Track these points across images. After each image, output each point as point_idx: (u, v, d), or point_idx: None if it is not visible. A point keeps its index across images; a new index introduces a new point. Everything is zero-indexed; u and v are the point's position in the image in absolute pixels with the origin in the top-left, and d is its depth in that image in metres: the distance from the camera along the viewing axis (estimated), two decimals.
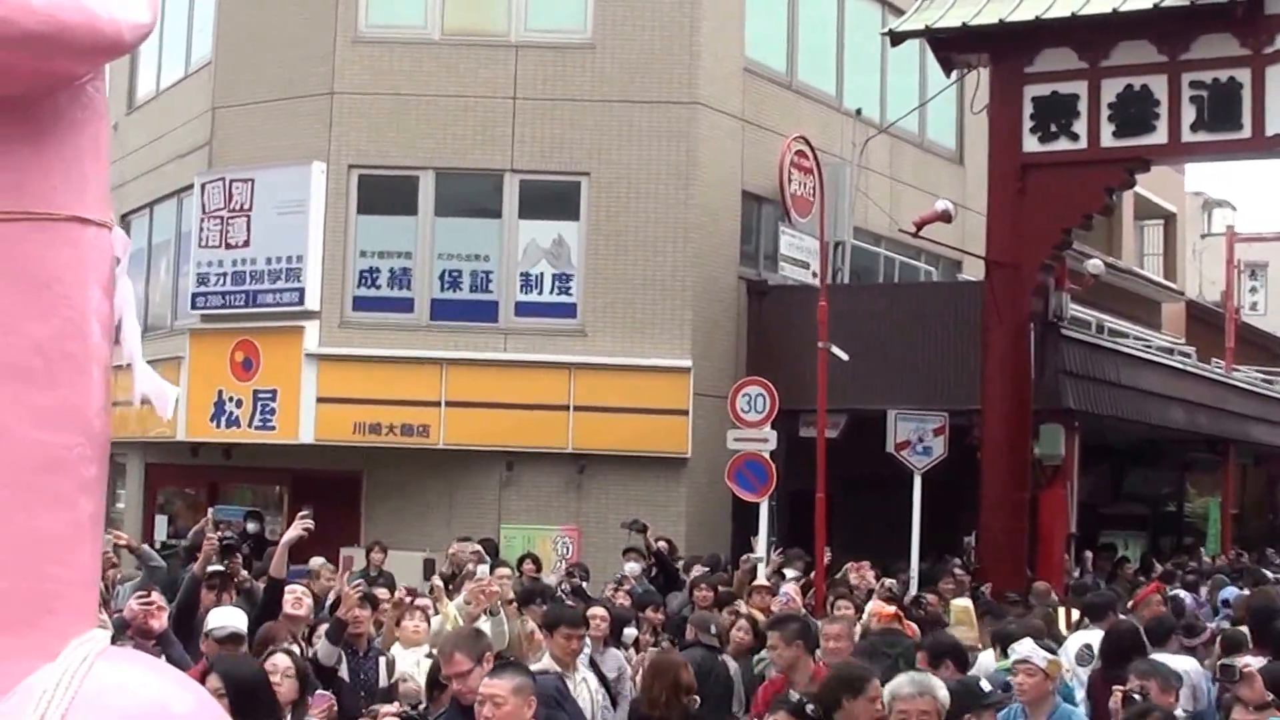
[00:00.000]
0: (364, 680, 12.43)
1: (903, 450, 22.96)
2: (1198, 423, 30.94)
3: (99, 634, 3.65)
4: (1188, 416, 30.24)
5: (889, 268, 30.17)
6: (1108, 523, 35.00)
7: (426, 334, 25.35)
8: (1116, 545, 32.50)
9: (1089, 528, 30.43)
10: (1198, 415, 30.82)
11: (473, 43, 25.81)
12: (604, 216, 25.41)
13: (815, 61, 28.97)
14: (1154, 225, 51.40)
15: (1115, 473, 35.89)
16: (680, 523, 24.82)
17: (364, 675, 12.51)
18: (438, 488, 25.33)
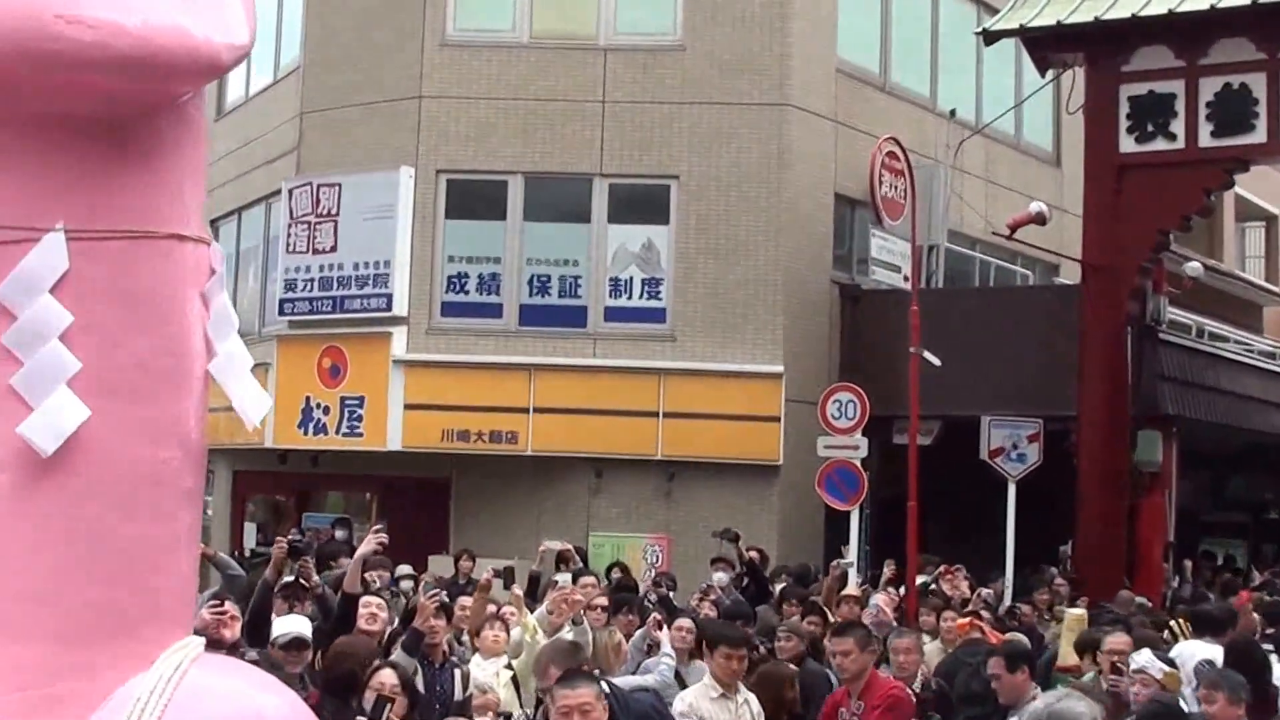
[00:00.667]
0: (440, 693, 12.46)
1: (996, 457, 22.92)
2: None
3: (194, 641, 3.74)
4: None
5: (984, 272, 30.09)
6: (1208, 530, 34.74)
7: (515, 340, 25.51)
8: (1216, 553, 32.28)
9: (1189, 536, 30.23)
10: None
11: (561, 45, 25.96)
12: (694, 220, 25.49)
13: (909, 62, 28.95)
14: (1255, 227, 50.82)
15: (1215, 479, 35.58)
16: (772, 531, 24.84)
17: (440, 687, 12.53)
18: (526, 495, 25.46)
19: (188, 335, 3.78)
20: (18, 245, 3.53)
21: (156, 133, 3.72)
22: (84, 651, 3.55)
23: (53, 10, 3.36)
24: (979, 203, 29.13)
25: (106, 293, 3.59)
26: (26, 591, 3.50)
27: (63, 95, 3.52)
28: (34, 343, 3.50)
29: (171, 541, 3.74)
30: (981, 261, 30.00)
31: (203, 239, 3.85)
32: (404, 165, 25.72)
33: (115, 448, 3.58)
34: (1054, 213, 27.86)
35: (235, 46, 3.66)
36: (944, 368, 22.51)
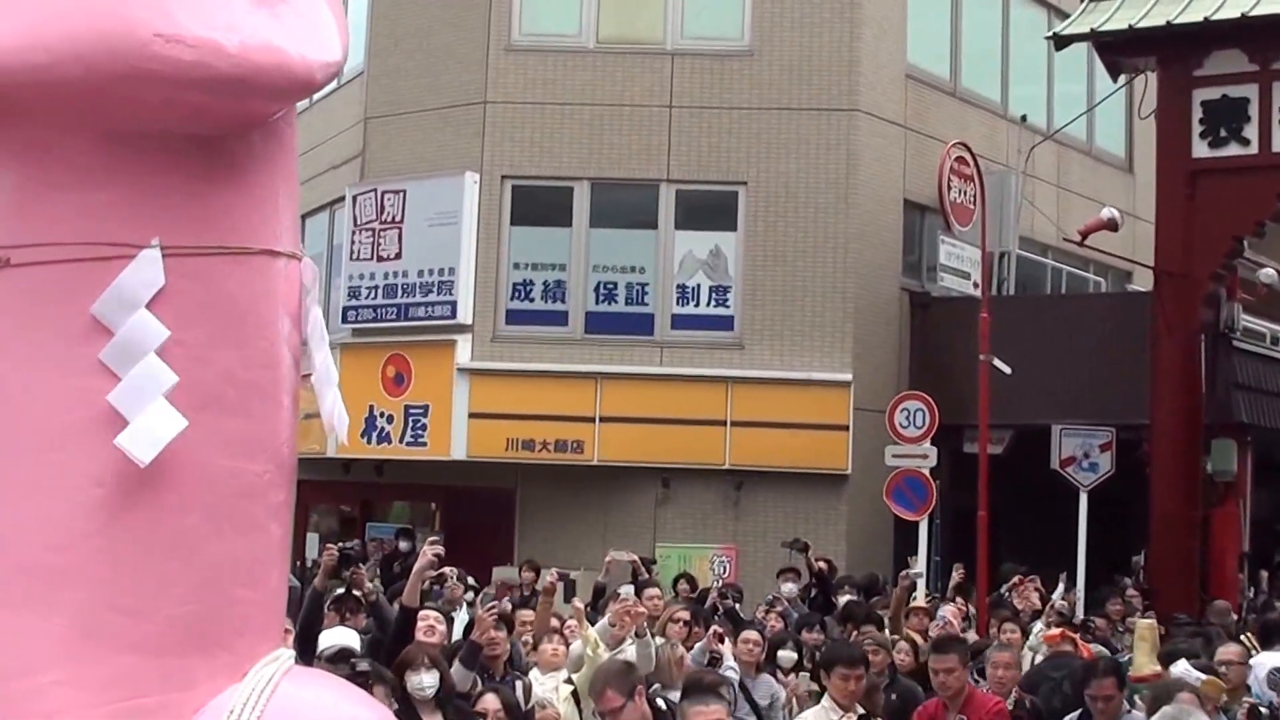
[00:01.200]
0: None
1: (1068, 467, 22.85)
2: None
3: (285, 654, 3.88)
4: None
5: (1056, 279, 30.01)
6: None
7: (580, 348, 25.56)
8: None
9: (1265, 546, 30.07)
10: None
11: (628, 51, 25.98)
12: (762, 227, 25.49)
13: (979, 67, 28.87)
14: None
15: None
16: (841, 542, 24.79)
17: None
18: (592, 505, 25.46)
19: (278, 350, 3.91)
20: (114, 262, 3.66)
21: (250, 150, 3.85)
22: (178, 662, 3.68)
23: (152, 29, 3.49)
24: (1051, 209, 29.06)
25: (199, 308, 3.72)
26: (123, 604, 3.62)
27: (160, 113, 3.64)
28: (131, 358, 3.61)
29: (263, 555, 3.88)
30: (1053, 268, 29.91)
31: (295, 254, 3.99)
32: (469, 171, 25.81)
33: (208, 462, 3.71)
34: (1127, 219, 27.72)
35: (328, 64, 3.79)
36: (1015, 376, 22.48)
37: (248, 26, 3.62)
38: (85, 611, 3.60)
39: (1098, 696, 11.36)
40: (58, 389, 3.67)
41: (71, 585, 3.60)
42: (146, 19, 3.50)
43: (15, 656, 3.58)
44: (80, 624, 3.59)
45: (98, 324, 3.65)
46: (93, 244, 3.68)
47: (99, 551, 3.61)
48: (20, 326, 3.71)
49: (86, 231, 3.68)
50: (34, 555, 3.61)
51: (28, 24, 3.53)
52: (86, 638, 3.59)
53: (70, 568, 3.61)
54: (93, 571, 3.61)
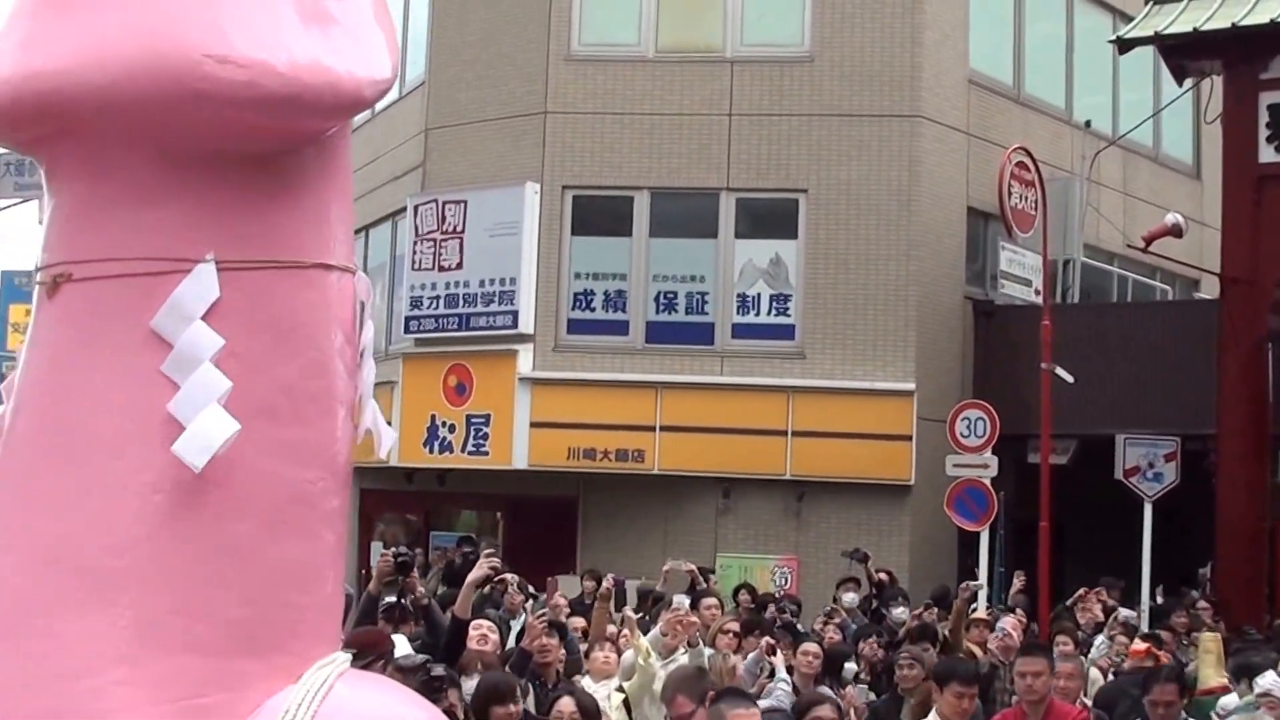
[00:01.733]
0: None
1: (1132, 477, 22.71)
2: None
3: (340, 656, 4.04)
4: None
5: (1122, 286, 29.89)
6: None
7: (641, 357, 25.66)
8: None
9: None
10: None
11: (687, 59, 26.08)
12: (823, 235, 25.52)
13: (1043, 72, 28.80)
14: None
15: None
16: (904, 553, 24.77)
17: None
18: (653, 514, 25.57)
19: (332, 361, 4.07)
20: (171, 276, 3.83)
21: (302, 166, 4.01)
22: (234, 664, 3.83)
23: (203, 50, 3.67)
24: (1116, 216, 29.01)
25: (254, 320, 3.89)
26: (180, 606, 3.79)
27: (213, 131, 3.81)
28: (188, 367, 3.78)
29: (317, 560, 4.05)
30: (1119, 276, 29.76)
31: (349, 268, 4.15)
32: (529, 181, 25.95)
33: (262, 469, 3.87)
34: (1195, 226, 27.66)
35: (377, 81, 3.96)
36: (1080, 385, 22.41)
37: (297, 46, 3.78)
38: (144, 613, 3.75)
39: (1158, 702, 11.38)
40: (118, 398, 3.82)
41: (131, 588, 3.75)
42: (198, 41, 3.67)
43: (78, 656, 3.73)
44: (140, 625, 3.74)
45: (156, 336, 3.82)
46: (150, 259, 3.84)
47: (157, 556, 3.77)
48: (82, 338, 3.88)
49: (144, 247, 3.85)
50: (95, 559, 3.76)
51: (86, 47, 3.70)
52: (146, 639, 3.74)
53: (129, 571, 3.75)
54: (151, 575, 3.76)
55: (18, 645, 3.79)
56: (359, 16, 4.02)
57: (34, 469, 3.90)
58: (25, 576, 3.83)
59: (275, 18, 3.80)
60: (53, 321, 3.98)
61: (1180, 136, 31.41)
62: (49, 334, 3.99)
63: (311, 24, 3.86)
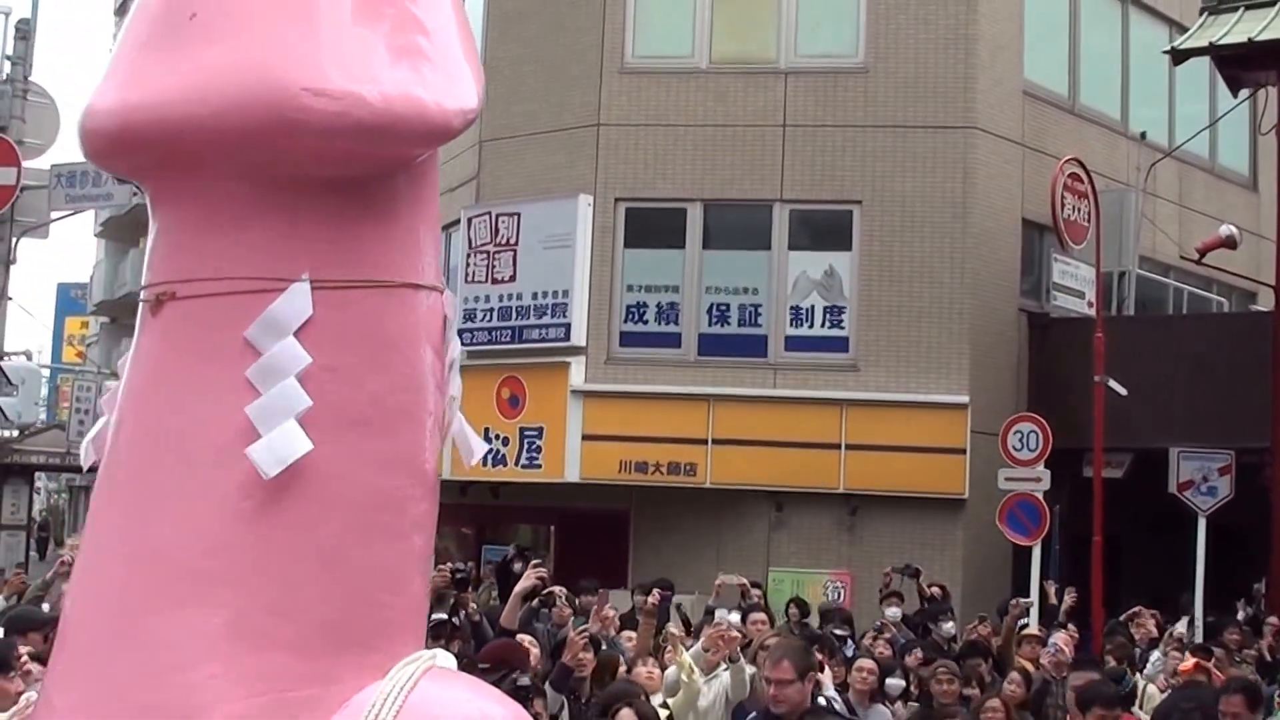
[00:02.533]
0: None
1: (1185, 491, 22.78)
2: None
3: (425, 655, 4.26)
4: None
5: (1177, 299, 30.00)
6: None
7: (694, 370, 25.86)
8: None
9: None
10: None
11: (741, 70, 26.35)
12: (877, 246, 25.74)
13: (1098, 83, 28.98)
14: None
15: None
16: (957, 568, 24.94)
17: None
18: (705, 528, 25.77)
19: (420, 375, 4.32)
20: (268, 294, 4.09)
21: (394, 190, 4.28)
22: (322, 661, 4.06)
23: (300, 84, 3.93)
24: (1172, 228, 29.11)
25: (347, 336, 4.14)
26: (271, 605, 4.02)
27: (309, 160, 4.08)
28: (273, 379, 4.03)
29: (404, 563, 4.27)
30: (1175, 289, 29.93)
31: (436, 287, 4.41)
32: (582, 193, 26.22)
33: (353, 476, 4.11)
34: (1251, 238, 27.75)
35: (465, 111, 4.20)
36: (1135, 398, 22.55)
37: (389, 79, 4.04)
38: (239, 612, 3.99)
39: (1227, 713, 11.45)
40: (214, 410, 4.07)
41: (226, 588, 3.99)
42: (295, 75, 3.94)
43: (180, 651, 3.97)
44: (235, 623, 3.98)
45: (251, 350, 4.07)
46: (249, 278, 4.09)
47: (249, 558, 4.01)
48: (183, 353, 4.15)
49: (244, 266, 4.10)
50: (194, 560, 4.01)
51: (189, 81, 3.99)
52: (240, 636, 3.98)
53: (224, 572, 4.00)
54: (244, 576, 4.00)
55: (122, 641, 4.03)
56: (448, 51, 4.24)
57: (137, 476, 4.15)
58: (127, 577, 4.07)
59: (368, 52, 4.05)
60: (155, 337, 4.22)
61: (1237, 148, 31.50)
62: (151, 349, 4.24)
63: (403, 58, 4.10)
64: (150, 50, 4.15)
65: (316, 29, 4.06)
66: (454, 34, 4.36)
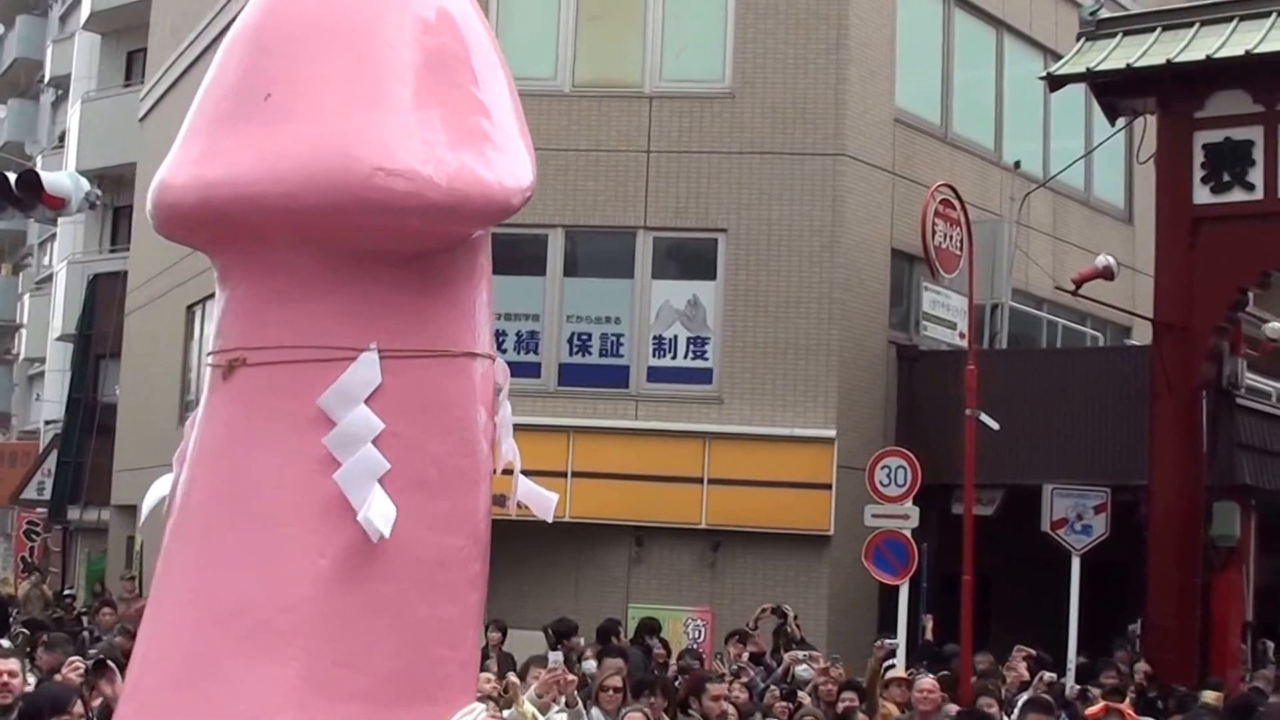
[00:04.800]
0: None
1: (1059, 529, 22.51)
2: None
3: (479, 707, 4.71)
4: None
5: (1051, 333, 29.93)
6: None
7: (553, 400, 25.43)
8: None
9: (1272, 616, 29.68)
10: None
11: (605, 94, 26.20)
12: (742, 276, 25.54)
13: (972, 112, 29.00)
14: None
15: None
16: (823, 605, 24.78)
17: None
18: (564, 563, 25.47)
19: (477, 439, 4.84)
20: (339, 363, 4.50)
21: (454, 264, 4.80)
22: (388, 711, 4.45)
23: (374, 164, 4.35)
24: (1046, 260, 28.94)
25: (410, 403, 4.57)
26: (342, 658, 4.43)
27: (379, 236, 4.51)
28: (351, 446, 4.41)
29: (462, 618, 4.79)
30: (1049, 322, 29.89)
31: (490, 355, 5.00)
32: None
33: (417, 537, 4.56)
34: (1128, 273, 27.73)
35: (524, 190, 4.77)
36: (1008, 434, 22.31)
37: (454, 161, 4.49)
38: (311, 663, 4.39)
39: None
40: (286, 472, 4.46)
41: (299, 641, 4.40)
42: (369, 156, 4.36)
43: (253, 701, 4.33)
44: (307, 674, 4.38)
45: (322, 416, 4.44)
46: (318, 347, 4.52)
47: (322, 613, 4.41)
48: (255, 417, 4.54)
49: (312, 336, 4.53)
50: (269, 614, 4.39)
51: (264, 160, 4.37)
52: (312, 686, 4.38)
53: (298, 626, 4.40)
54: (317, 629, 4.41)
55: (199, 690, 4.37)
56: (506, 132, 4.74)
57: (210, 532, 4.52)
58: (205, 628, 4.43)
59: (435, 133, 4.49)
60: (227, 400, 4.61)
61: (1112, 181, 31.94)
62: (223, 412, 4.63)
63: (466, 138, 4.55)
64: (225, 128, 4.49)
65: (386, 111, 4.43)
66: (510, 115, 4.85)
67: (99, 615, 22.19)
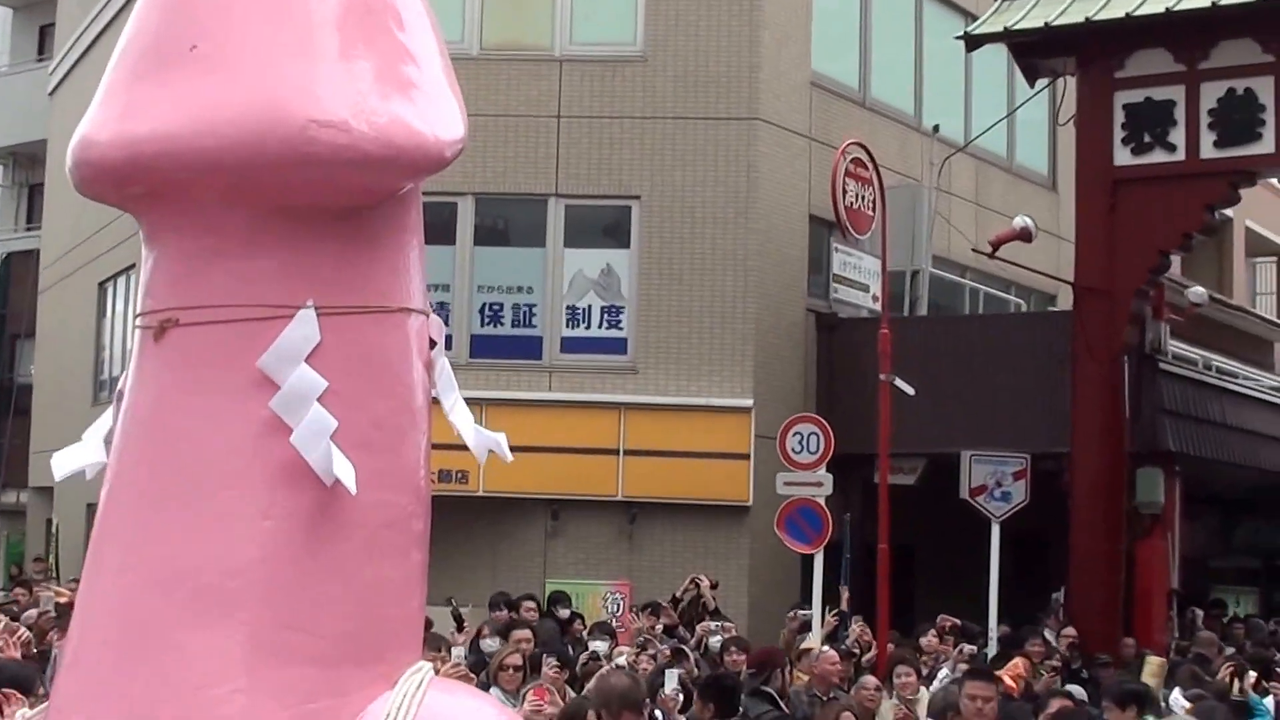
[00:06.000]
0: None
1: (978, 496, 22.39)
2: None
3: (426, 666, 4.63)
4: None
5: (974, 299, 29.84)
6: (1218, 577, 34.16)
7: (465, 372, 24.61)
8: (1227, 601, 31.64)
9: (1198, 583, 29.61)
10: None
11: (514, 58, 25.96)
12: (657, 244, 25.46)
13: (891, 77, 28.86)
14: (1267, 262, 50.62)
15: (1226, 523, 34.96)
16: (743, 577, 24.85)
17: None
18: (480, 539, 25.29)
19: (415, 396, 4.71)
20: (275, 321, 4.39)
21: (385, 218, 4.66)
22: (340, 672, 4.41)
23: (308, 115, 4.25)
24: (969, 227, 28.70)
25: (349, 361, 4.48)
26: (291, 621, 4.36)
27: (312, 190, 4.40)
28: (298, 406, 4.34)
29: (408, 578, 4.69)
30: (971, 289, 29.83)
31: (425, 311, 4.84)
32: None
33: (360, 496, 4.43)
34: (1053, 240, 27.70)
35: (456, 141, 4.71)
36: (930, 402, 22.25)
37: (386, 112, 4.38)
38: (258, 628, 4.31)
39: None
40: (226, 435, 4.37)
41: (246, 605, 4.31)
42: (301, 108, 4.25)
43: (201, 668, 4.28)
44: (254, 638, 4.30)
45: (260, 376, 4.35)
46: (254, 305, 4.39)
47: (269, 576, 4.33)
48: (189, 379, 4.44)
49: (247, 295, 4.40)
50: (214, 580, 4.31)
51: (193, 113, 4.28)
52: (261, 650, 4.30)
53: (244, 590, 4.32)
54: (264, 593, 4.33)
55: (144, 660, 4.32)
56: (435, 82, 4.67)
57: (148, 499, 4.41)
58: (148, 597, 4.34)
59: (366, 83, 4.38)
60: (159, 363, 4.49)
61: (1036, 147, 32.20)
62: (155, 375, 4.50)
63: (396, 88, 4.45)
64: (149, 81, 4.39)
65: (315, 61, 4.34)
66: (438, 62, 4.76)
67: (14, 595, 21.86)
